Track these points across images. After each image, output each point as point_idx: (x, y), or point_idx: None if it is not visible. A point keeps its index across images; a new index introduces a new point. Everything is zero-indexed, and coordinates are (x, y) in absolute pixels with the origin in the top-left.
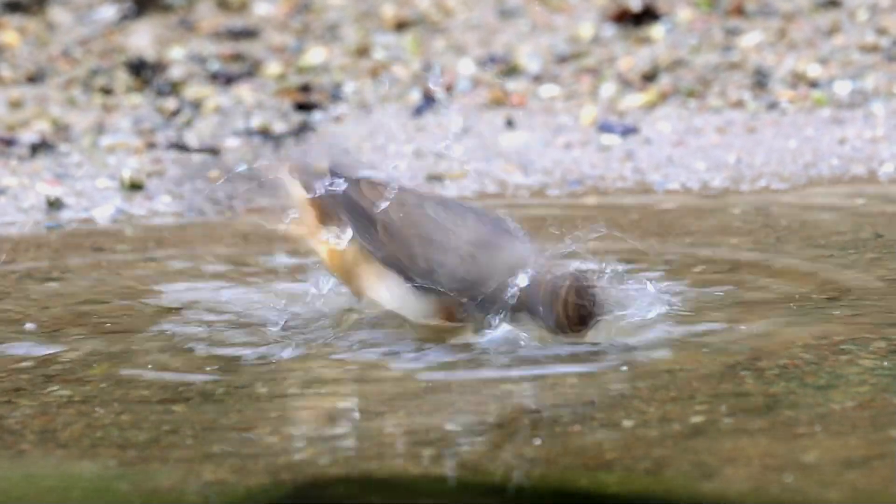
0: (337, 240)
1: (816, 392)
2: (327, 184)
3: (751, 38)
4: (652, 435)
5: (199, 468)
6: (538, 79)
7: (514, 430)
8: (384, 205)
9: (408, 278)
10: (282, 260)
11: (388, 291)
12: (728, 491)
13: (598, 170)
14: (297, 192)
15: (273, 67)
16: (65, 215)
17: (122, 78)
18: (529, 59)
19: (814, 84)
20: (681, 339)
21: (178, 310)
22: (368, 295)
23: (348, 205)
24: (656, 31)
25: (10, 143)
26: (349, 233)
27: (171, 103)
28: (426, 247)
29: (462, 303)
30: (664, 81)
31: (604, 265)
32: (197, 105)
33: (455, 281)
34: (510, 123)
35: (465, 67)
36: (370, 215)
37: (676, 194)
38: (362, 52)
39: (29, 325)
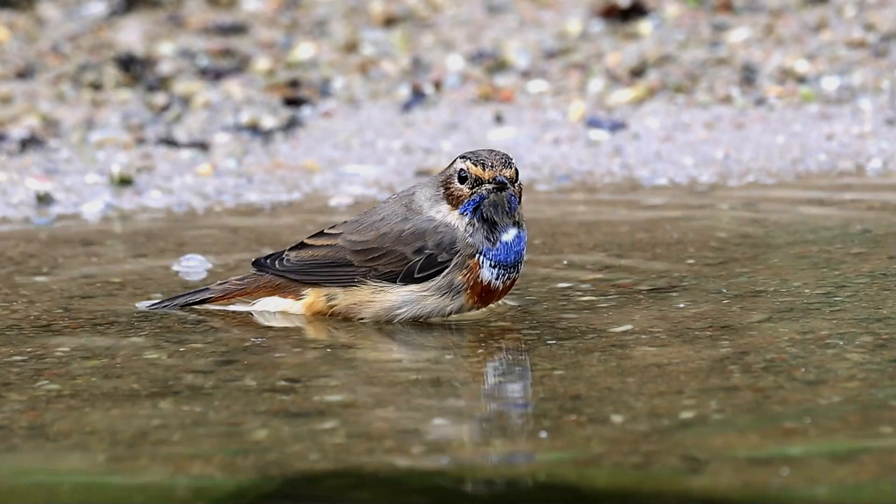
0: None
1: (804, 387)
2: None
3: (738, 33)
4: (641, 429)
5: (188, 463)
6: (526, 74)
7: (502, 425)
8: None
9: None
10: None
11: (393, 302)
12: (716, 485)
13: (586, 165)
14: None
15: (262, 63)
16: (54, 210)
17: (112, 73)
18: (517, 54)
19: (801, 80)
20: (669, 334)
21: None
22: (374, 318)
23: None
24: (644, 26)
25: None
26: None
27: (160, 99)
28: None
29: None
30: (652, 77)
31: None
32: (186, 100)
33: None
34: (498, 119)
35: (454, 63)
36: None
37: (664, 189)
38: (351, 47)
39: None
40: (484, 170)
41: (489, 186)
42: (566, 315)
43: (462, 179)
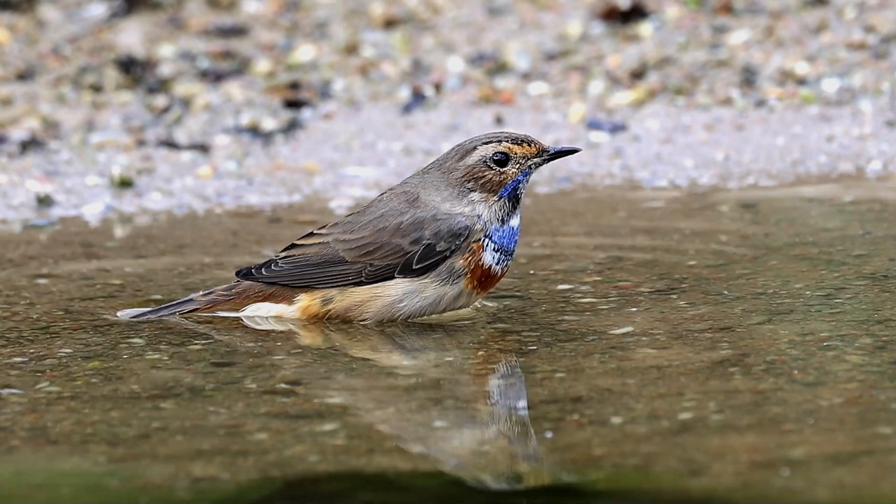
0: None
1: (804, 388)
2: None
3: (738, 35)
4: (640, 431)
5: (188, 464)
6: (527, 76)
7: (502, 426)
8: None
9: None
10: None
11: (396, 298)
12: (716, 487)
13: (586, 167)
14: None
15: (262, 65)
16: (55, 212)
17: (112, 75)
18: (518, 56)
19: (801, 81)
20: (669, 336)
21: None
22: (376, 317)
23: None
24: (644, 28)
25: None
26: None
27: (160, 101)
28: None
29: None
30: (652, 79)
31: None
32: (186, 102)
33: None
34: (499, 121)
35: (454, 65)
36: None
37: (665, 191)
38: (351, 49)
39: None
40: (530, 145)
41: (537, 160)
42: (566, 317)
43: (502, 163)
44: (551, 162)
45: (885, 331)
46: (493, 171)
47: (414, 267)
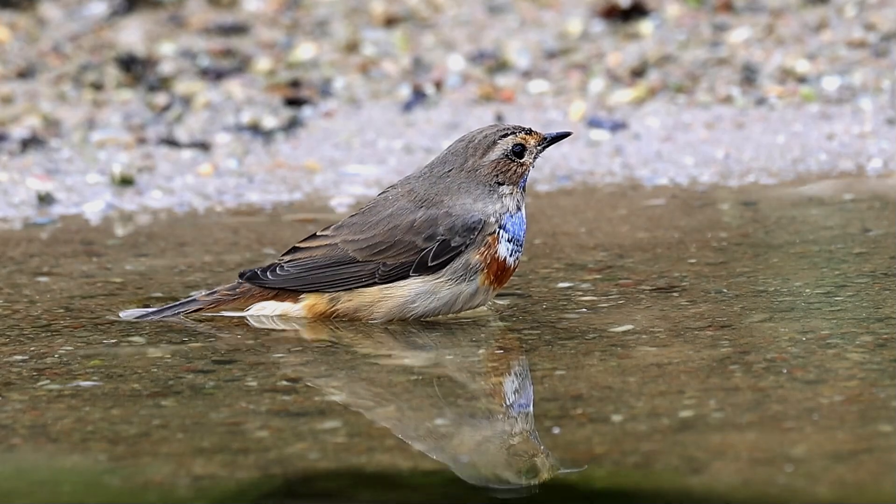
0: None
1: (805, 386)
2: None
3: (739, 33)
4: (641, 429)
5: (189, 462)
6: (527, 74)
7: (502, 425)
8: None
9: (420, 267)
10: (268, 252)
11: (409, 297)
12: (717, 485)
13: (586, 165)
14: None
15: (263, 63)
16: (55, 210)
17: (113, 73)
18: (518, 54)
19: (802, 80)
20: (670, 334)
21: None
22: (387, 317)
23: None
24: (645, 26)
25: (0, 138)
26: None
27: (161, 99)
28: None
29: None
30: (653, 77)
31: None
32: (187, 100)
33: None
34: (499, 119)
35: (455, 63)
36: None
37: (665, 189)
38: (352, 47)
39: None
40: (536, 134)
41: (540, 147)
42: (567, 315)
43: (520, 154)
44: (547, 154)
45: (885, 328)
46: (515, 163)
47: (430, 264)
